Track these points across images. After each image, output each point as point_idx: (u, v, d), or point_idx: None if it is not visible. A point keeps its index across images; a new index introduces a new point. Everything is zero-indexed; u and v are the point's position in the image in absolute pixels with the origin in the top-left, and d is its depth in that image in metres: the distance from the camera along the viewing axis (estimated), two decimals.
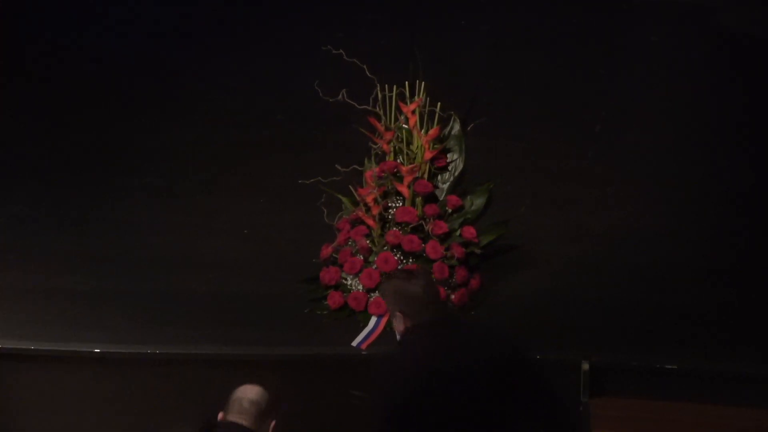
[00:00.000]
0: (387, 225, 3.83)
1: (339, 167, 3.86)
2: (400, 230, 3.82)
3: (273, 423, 3.16)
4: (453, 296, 3.76)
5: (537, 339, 3.58)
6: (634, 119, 4.67)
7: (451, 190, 3.97)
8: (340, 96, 3.79)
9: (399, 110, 3.91)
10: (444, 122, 3.98)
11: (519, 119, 4.61)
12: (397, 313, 3.06)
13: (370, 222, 3.82)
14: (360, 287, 3.79)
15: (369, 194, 3.82)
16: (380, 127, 3.89)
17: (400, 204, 3.88)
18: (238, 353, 3.65)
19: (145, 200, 4.43)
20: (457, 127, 3.99)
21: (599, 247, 4.08)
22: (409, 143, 3.91)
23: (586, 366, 3.52)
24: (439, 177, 3.98)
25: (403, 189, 3.85)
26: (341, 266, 3.81)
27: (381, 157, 3.95)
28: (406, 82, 3.91)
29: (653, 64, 4.90)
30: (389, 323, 3.56)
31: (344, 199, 3.94)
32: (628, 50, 4.96)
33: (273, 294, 3.89)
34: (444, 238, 3.82)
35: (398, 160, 3.90)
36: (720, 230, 4.16)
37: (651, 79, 4.84)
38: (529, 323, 3.68)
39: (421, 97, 3.91)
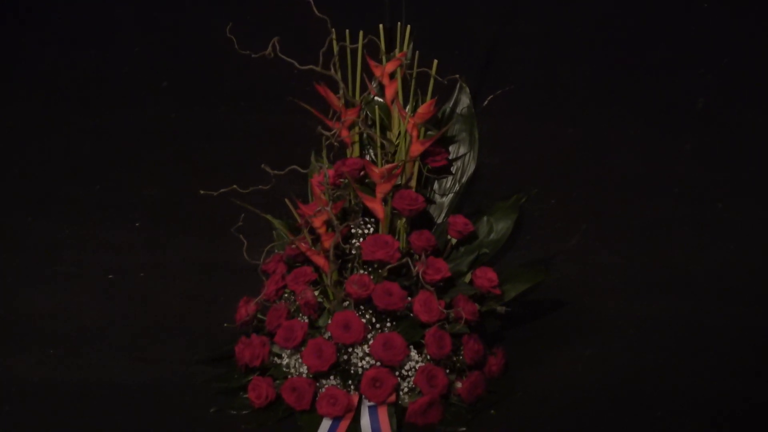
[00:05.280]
0: (348, 266, 3.11)
1: (267, 168, 3.03)
2: (369, 274, 3.06)
3: None
4: (459, 385, 3.01)
5: None
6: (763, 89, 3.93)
7: (456, 206, 3.26)
8: (269, 49, 2.99)
9: (368, 73, 3.23)
10: (444, 93, 3.26)
11: (566, 89, 3.99)
12: None
13: (320, 261, 3.10)
14: (303, 370, 3.03)
15: (318, 214, 3.09)
16: (336, 101, 3.18)
17: (371, 230, 3.14)
18: None
19: None
20: (465, 102, 3.27)
21: (704, 304, 3.32)
22: (385, 128, 3.22)
23: None
24: (436, 185, 3.29)
25: (375, 205, 3.11)
26: (271, 335, 3.10)
27: (338, 152, 3.25)
28: (380, 26, 3.22)
29: None
30: (352, 430, 2.96)
31: (276, 222, 3.27)
32: None
33: (159, 381, 3.16)
34: (444, 287, 3.10)
35: (367, 157, 3.24)
36: None
37: None
38: None
39: (405, 50, 3.22)
